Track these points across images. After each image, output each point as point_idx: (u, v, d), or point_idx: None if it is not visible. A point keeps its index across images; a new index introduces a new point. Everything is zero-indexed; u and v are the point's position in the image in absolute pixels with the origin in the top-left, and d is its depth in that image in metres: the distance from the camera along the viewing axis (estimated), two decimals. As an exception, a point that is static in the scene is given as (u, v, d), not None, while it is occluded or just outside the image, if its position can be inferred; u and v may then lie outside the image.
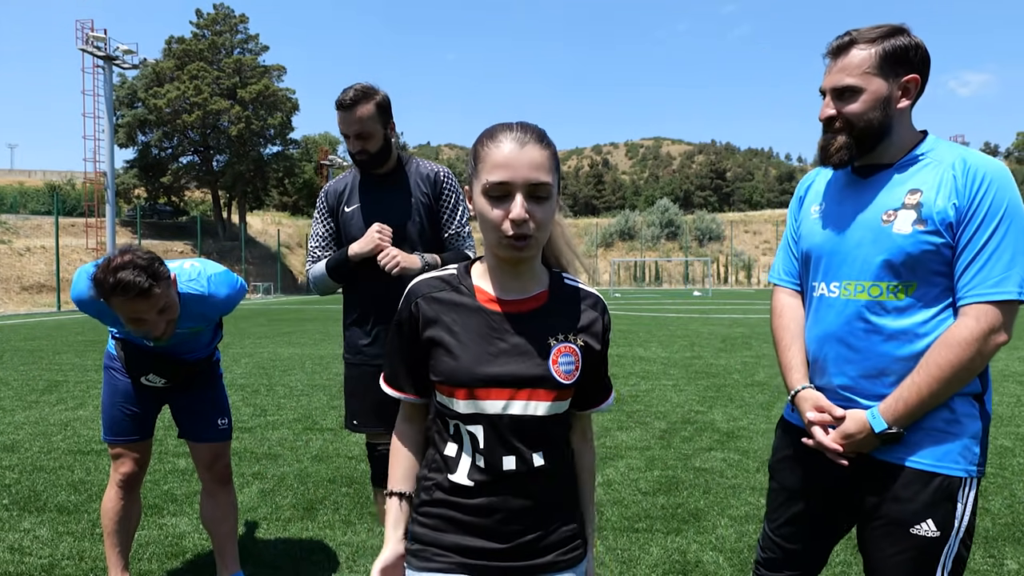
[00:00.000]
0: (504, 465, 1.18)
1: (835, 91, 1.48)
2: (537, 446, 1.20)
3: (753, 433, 5.12)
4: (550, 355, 1.19)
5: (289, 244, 45.43)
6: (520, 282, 1.22)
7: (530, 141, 1.13)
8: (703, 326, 14.71)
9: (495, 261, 1.21)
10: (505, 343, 1.18)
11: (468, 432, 1.19)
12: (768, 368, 8.34)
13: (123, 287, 1.91)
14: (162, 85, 40.06)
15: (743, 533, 3.22)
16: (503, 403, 1.17)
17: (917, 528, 1.42)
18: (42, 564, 2.89)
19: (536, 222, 1.12)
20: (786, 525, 1.67)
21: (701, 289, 40.65)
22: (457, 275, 1.25)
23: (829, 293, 1.56)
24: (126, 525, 2.55)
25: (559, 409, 1.21)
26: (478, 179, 1.15)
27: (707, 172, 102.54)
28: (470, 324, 1.19)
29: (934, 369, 1.38)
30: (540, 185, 1.12)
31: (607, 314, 1.29)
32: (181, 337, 2.38)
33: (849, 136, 1.48)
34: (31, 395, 6.81)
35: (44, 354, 10.10)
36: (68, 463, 4.41)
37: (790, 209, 1.79)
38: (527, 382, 1.17)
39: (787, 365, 1.64)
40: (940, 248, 1.41)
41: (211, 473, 2.58)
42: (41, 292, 26.68)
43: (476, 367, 1.16)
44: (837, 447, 1.48)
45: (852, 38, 1.47)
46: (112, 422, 2.51)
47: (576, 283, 1.29)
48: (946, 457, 1.42)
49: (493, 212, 1.12)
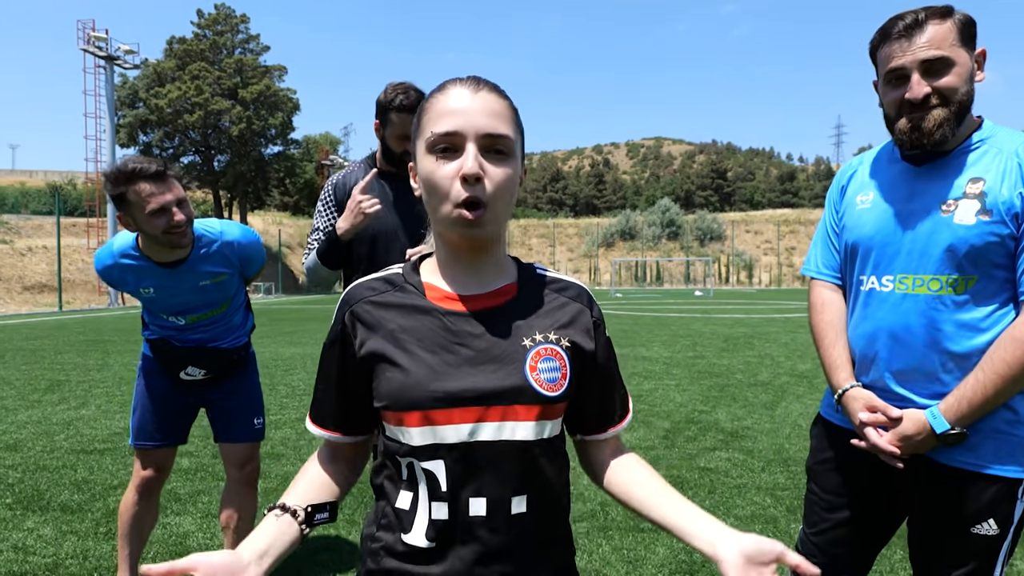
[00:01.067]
0: (471, 510, 0.91)
1: (924, 65, 1.35)
2: (520, 486, 0.92)
3: (757, 433, 5.11)
4: (526, 360, 0.93)
5: (290, 244, 45.43)
6: (481, 274, 0.98)
7: (484, 88, 0.92)
8: (705, 326, 14.69)
9: (447, 250, 0.97)
10: (468, 349, 0.93)
11: (424, 471, 0.92)
12: (770, 368, 8.33)
13: (140, 169, 2.03)
14: (163, 85, 40.08)
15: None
16: (469, 427, 0.90)
17: (978, 528, 1.38)
18: (46, 563, 2.88)
19: (494, 183, 0.89)
20: (830, 530, 1.60)
21: (702, 289, 40.63)
22: (402, 273, 1.01)
23: (881, 287, 1.48)
24: (139, 529, 2.55)
25: (547, 432, 0.94)
26: (421, 136, 0.92)
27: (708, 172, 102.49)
28: (420, 329, 0.94)
29: (1000, 366, 1.31)
30: (499, 137, 0.89)
31: (596, 306, 1.04)
32: (208, 294, 2.35)
33: (949, 111, 1.36)
34: (33, 394, 6.81)
35: (46, 354, 10.10)
36: (71, 462, 4.41)
37: (829, 199, 1.69)
38: (499, 396, 0.91)
39: (832, 363, 1.56)
40: (1005, 239, 1.34)
41: (241, 473, 2.57)
42: (43, 292, 26.68)
43: (431, 382, 0.91)
44: (894, 449, 1.41)
45: (923, 16, 1.36)
46: (142, 426, 2.48)
47: (551, 272, 1.05)
48: (1009, 460, 1.37)
49: (439, 171, 0.89)
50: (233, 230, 2.38)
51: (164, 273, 2.27)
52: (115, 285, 2.36)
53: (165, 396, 2.48)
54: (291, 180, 48.54)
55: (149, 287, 2.29)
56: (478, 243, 0.95)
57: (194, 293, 2.33)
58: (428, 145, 0.91)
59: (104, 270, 2.30)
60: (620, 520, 3.38)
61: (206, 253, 2.30)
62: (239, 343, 2.56)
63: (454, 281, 0.98)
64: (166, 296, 2.32)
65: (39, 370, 8.44)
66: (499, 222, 0.93)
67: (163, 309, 2.37)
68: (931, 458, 1.43)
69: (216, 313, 2.45)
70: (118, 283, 2.33)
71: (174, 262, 2.26)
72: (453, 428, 0.91)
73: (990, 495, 1.38)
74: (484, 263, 0.98)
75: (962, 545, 1.41)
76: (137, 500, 2.51)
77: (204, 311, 2.40)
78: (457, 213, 0.89)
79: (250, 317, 2.64)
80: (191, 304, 2.37)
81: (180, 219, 2.10)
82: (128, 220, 2.13)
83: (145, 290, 2.31)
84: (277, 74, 44.16)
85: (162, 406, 2.48)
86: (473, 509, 0.92)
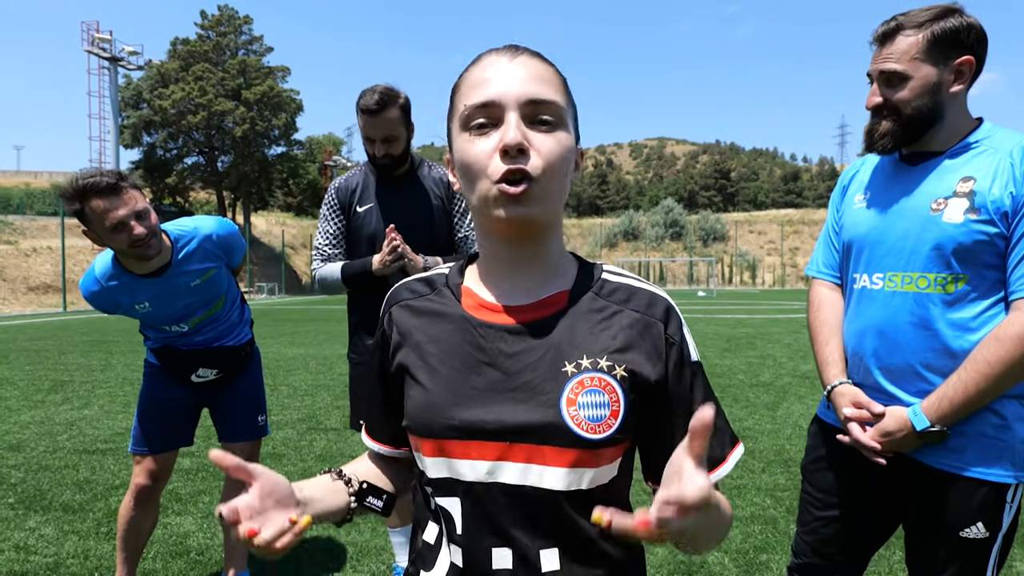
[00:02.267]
0: (494, 562, 0.77)
1: (882, 77, 1.42)
2: (549, 538, 0.78)
3: (758, 434, 5.10)
4: (565, 392, 0.77)
5: (293, 244, 45.53)
6: (529, 276, 0.82)
7: (525, 53, 0.79)
8: (707, 326, 14.66)
9: (490, 245, 0.83)
10: (497, 371, 0.79)
11: (440, 508, 0.81)
12: (772, 369, 8.31)
13: (91, 184, 1.94)
14: (167, 86, 40.22)
15: (749, 534, 3.20)
16: (488, 465, 0.77)
17: (967, 532, 1.39)
18: (47, 563, 2.90)
19: (543, 156, 0.74)
20: (823, 529, 1.60)
21: (705, 289, 40.58)
22: (447, 274, 0.89)
23: (872, 285, 1.49)
24: (138, 533, 2.54)
25: (586, 482, 0.77)
26: (454, 116, 0.80)
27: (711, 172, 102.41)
28: (448, 342, 0.82)
29: (983, 366, 1.31)
30: (544, 104, 0.76)
31: (675, 320, 0.83)
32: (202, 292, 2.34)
33: (897, 123, 1.42)
34: (37, 395, 6.84)
35: (50, 354, 10.13)
36: (73, 462, 4.42)
37: (832, 200, 1.71)
38: (524, 434, 0.76)
39: (824, 360, 1.57)
40: (994, 239, 1.33)
41: None
42: (47, 292, 26.79)
43: (449, 408, 0.79)
44: (875, 445, 1.42)
45: (899, 23, 1.41)
46: (144, 432, 2.45)
47: (623, 277, 0.87)
48: (996, 464, 1.37)
49: (474, 148, 0.76)
50: (208, 223, 2.34)
51: (154, 283, 2.22)
52: (109, 310, 2.28)
53: (172, 400, 2.47)
54: (294, 181, 48.65)
55: (144, 301, 2.25)
56: (525, 229, 0.78)
57: (189, 295, 2.32)
58: (462, 122, 0.78)
59: (92, 297, 2.23)
60: (620, 521, 3.37)
61: (188, 253, 2.26)
62: (244, 339, 2.56)
63: (496, 286, 0.83)
64: (163, 306, 2.30)
65: (43, 370, 8.47)
66: (552, 202, 0.77)
67: (164, 320, 2.35)
68: (920, 460, 1.43)
69: (215, 311, 2.45)
70: (111, 307, 2.27)
71: (158, 270, 2.21)
72: (469, 464, 0.78)
73: (978, 499, 1.38)
74: (532, 262, 0.82)
75: (952, 548, 1.41)
76: (135, 505, 2.50)
77: (203, 312, 2.40)
78: (497, 189, 0.74)
79: (247, 309, 2.65)
80: (190, 307, 2.36)
81: (140, 232, 2.00)
82: (93, 236, 2.06)
83: (141, 306, 2.26)
84: (280, 75, 44.27)
85: (169, 410, 2.47)
86: (496, 561, 0.78)
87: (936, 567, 1.44)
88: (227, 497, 2.59)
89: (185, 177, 43.17)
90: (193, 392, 2.50)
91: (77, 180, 1.97)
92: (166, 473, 2.54)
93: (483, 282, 0.85)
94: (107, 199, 1.97)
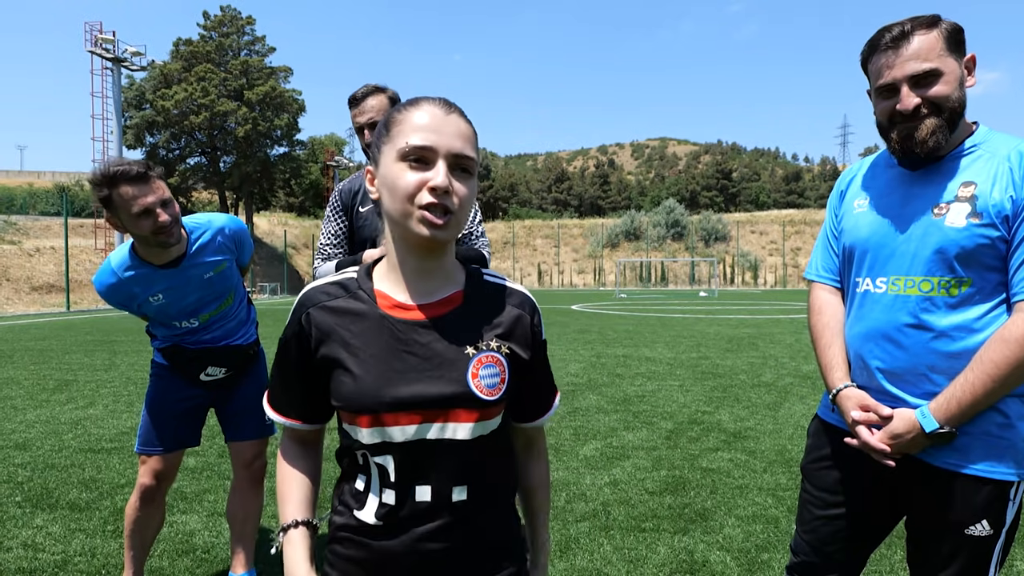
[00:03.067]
0: (417, 496, 1.01)
1: (913, 79, 1.39)
2: (459, 478, 1.02)
3: (760, 433, 5.12)
4: (469, 368, 1.01)
5: (296, 245, 45.58)
6: (431, 281, 1.05)
7: (456, 112, 1.01)
8: (709, 327, 14.68)
9: (402, 255, 1.04)
10: (415, 357, 1.01)
11: (376, 464, 1.02)
12: (774, 369, 8.33)
13: (122, 172, 2.06)
14: (170, 87, 40.30)
15: (750, 533, 3.22)
16: (414, 428, 0.99)
17: (972, 529, 1.40)
18: (55, 560, 2.93)
19: (458, 198, 0.97)
20: (822, 528, 1.62)
21: (707, 290, 40.56)
22: (356, 278, 1.07)
23: (875, 289, 1.50)
24: (144, 532, 2.56)
25: (486, 430, 1.03)
26: (392, 144, 0.99)
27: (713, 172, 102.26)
28: (371, 337, 1.01)
29: (989, 367, 1.33)
30: (466, 158, 0.98)
31: (537, 313, 1.12)
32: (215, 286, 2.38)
33: (941, 118, 1.39)
34: (42, 394, 6.88)
35: (54, 354, 10.18)
36: (79, 461, 4.46)
37: (830, 204, 1.72)
38: (442, 402, 0.99)
39: (828, 364, 1.58)
40: (995, 242, 1.35)
41: (249, 471, 2.59)
42: (51, 292, 26.87)
43: (380, 389, 0.99)
44: (884, 447, 1.43)
45: (906, 28, 1.40)
46: (152, 432, 2.47)
47: (499, 279, 1.12)
48: (1000, 463, 1.39)
49: (407, 178, 0.96)
50: (220, 218, 2.43)
51: (169, 274, 2.29)
52: (122, 304, 2.33)
53: (182, 400, 2.49)
54: (296, 181, 48.75)
55: (158, 293, 2.30)
56: (436, 246, 1.02)
57: (202, 288, 2.36)
58: (400, 154, 0.97)
59: (108, 290, 2.28)
60: (621, 520, 3.40)
61: (202, 245, 2.34)
62: (251, 338, 2.59)
63: (404, 289, 1.04)
64: (177, 298, 2.34)
65: (47, 370, 8.51)
66: (457, 230, 1.00)
67: (175, 315, 2.38)
68: (924, 460, 1.45)
69: (225, 306, 2.47)
70: (125, 300, 2.31)
71: (174, 260, 2.28)
72: (400, 429, 1.00)
73: (982, 496, 1.40)
74: (434, 270, 1.05)
75: (956, 546, 1.43)
76: (141, 505, 2.52)
77: (214, 306, 2.43)
78: (421, 216, 0.96)
79: (252, 310, 2.68)
80: (203, 300, 2.39)
81: (165, 220, 2.12)
82: (116, 222, 2.16)
83: (155, 297, 2.30)
84: (283, 75, 44.33)
85: (179, 411, 2.49)
86: (419, 495, 1.02)
87: (940, 565, 1.45)
88: (233, 497, 2.63)
89: (188, 177, 43.25)
90: (202, 392, 2.52)
91: (108, 167, 2.08)
92: (172, 473, 2.56)
93: (393, 285, 1.05)
94: (136, 186, 2.07)
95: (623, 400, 6.45)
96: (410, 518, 1.02)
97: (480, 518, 1.05)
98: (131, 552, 2.55)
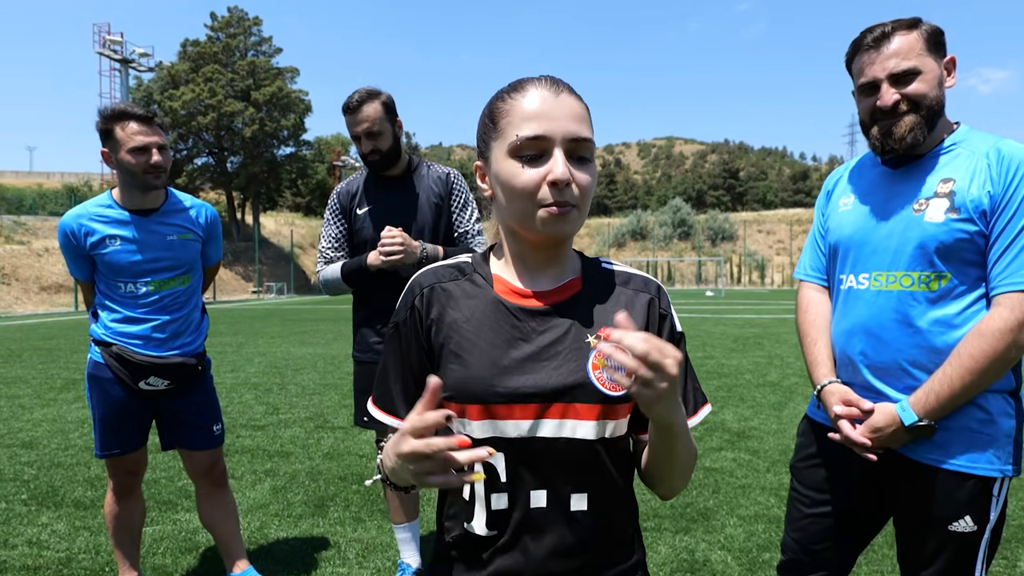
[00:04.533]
0: (532, 502, 0.93)
1: (893, 77, 1.43)
2: (580, 483, 0.93)
3: (764, 433, 5.10)
4: (589, 358, 0.93)
5: (302, 244, 45.74)
6: (549, 269, 0.98)
7: (565, 90, 0.92)
8: (715, 326, 14.63)
9: (519, 245, 0.97)
10: (531, 345, 0.94)
11: (485, 464, 0.93)
12: (780, 369, 8.29)
13: (130, 110, 2.27)
14: (177, 87, 40.51)
15: (752, 533, 3.21)
16: (529, 423, 0.92)
17: (955, 525, 1.41)
18: (59, 558, 2.95)
19: (580, 188, 0.89)
20: (812, 526, 1.63)
21: (714, 289, 40.42)
22: (472, 263, 1.02)
23: (858, 285, 1.53)
24: (128, 527, 2.53)
25: (609, 431, 0.93)
26: (502, 139, 0.92)
27: (720, 171, 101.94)
28: (486, 322, 0.95)
29: (967, 360, 1.35)
30: (583, 142, 0.90)
31: (664, 297, 1.01)
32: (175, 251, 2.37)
33: (919, 116, 1.43)
34: (49, 393, 6.93)
35: (62, 353, 10.26)
36: (85, 459, 4.49)
37: (817, 205, 1.76)
38: (559, 394, 0.92)
39: (813, 361, 1.61)
40: (974, 237, 1.38)
41: (210, 479, 2.56)
42: (59, 292, 27.07)
43: (493, 377, 0.92)
44: (865, 441, 1.45)
45: (887, 29, 1.45)
46: (107, 437, 2.40)
47: (616, 266, 1.04)
48: (981, 458, 1.40)
49: (525, 175, 0.89)
50: (203, 202, 2.56)
51: (137, 221, 2.33)
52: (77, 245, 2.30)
53: (124, 404, 2.38)
54: (303, 181, 48.87)
55: (117, 237, 2.30)
56: (559, 241, 0.95)
57: (162, 248, 2.34)
58: (512, 149, 0.90)
59: (71, 220, 2.30)
60: (624, 519, 3.39)
61: (178, 208, 2.44)
62: (198, 348, 2.48)
63: (522, 275, 0.98)
64: (134, 250, 2.30)
65: (55, 369, 8.58)
66: (581, 221, 0.94)
67: (127, 271, 2.31)
68: (906, 455, 1.46)
69: (177, 283, 2.39)
70: (80, 239, 2.28)
71: (148, 210, 2.35)
72: (513, 423, 0.92)
73: (966, 492, 1.41)
74: (555, 258, 0.98)
75: (941, 542, 1.44)
76: (119, 500, 2.49)
77: (167, 275, 2.36)
78: (546, 214, 0.89)
79: (206, 319, 2.57)
80: (159, 262, 2.33)
81: (158, 160, 2.27)
82: (110, 156, 2.29)
83: (112, 240, 2.29)
84: (289, 76, 44.47)
85: (129, 408, 2.39)
86: (534, 501, 0.93)
87: (926, 561, 1.46)
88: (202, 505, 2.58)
89: (195, 178, 43.44)
90: (144, 399, 2.41)
91: (120, 104, 2.32)
92: (142, 466, 2.53)
93: (510, 273, 0.99)
94: (140, 124, 2.26)
95: (627, 400, 6.44)
96: (526, 526, 0.93)
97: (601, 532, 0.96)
98: (121, 551, 2.54)
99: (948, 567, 1.44)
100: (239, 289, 36.94)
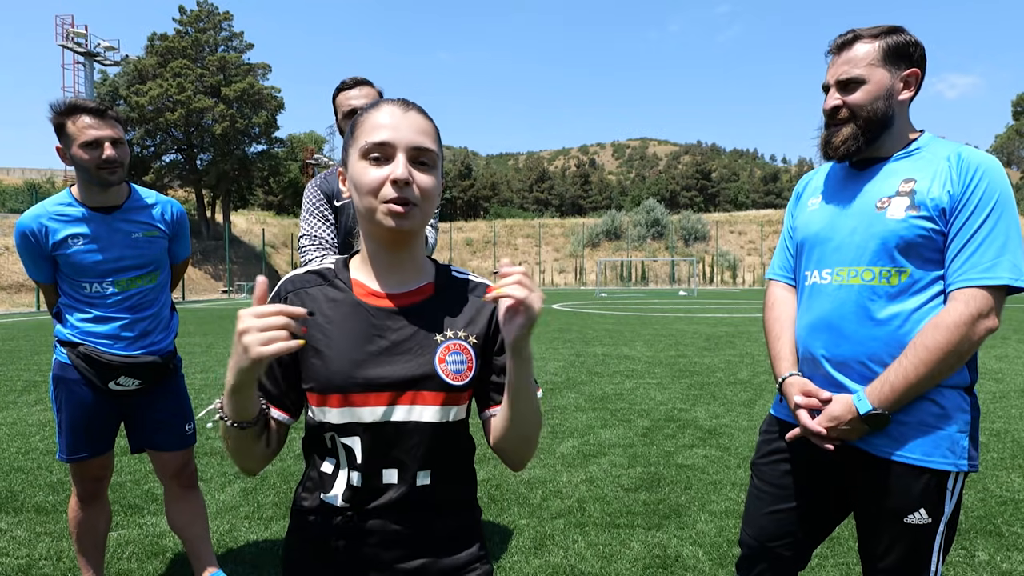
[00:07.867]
0: (384, 478, 1.05)
1: (840, 83, 1.51)
2: (425, 462, 1.06)
3: (735, 430, 5.18)
4: (436, 353, 1.06)
5: (274, 243, 45.08)
6: (402, 273, 1.10)
7: (414, 109, 1.07)
8: (688, 325, 14.81)
9: (373, 246, 1.09)
10: (386, 341, 1.06)
11: (344, 445, 1.06)
12: (750, 367, 8.43)
13: (81, 103, 2.18)
14: (144, 82, 39.59)
15: (723, 528, 3.26)
16: (383, 409, 1.04)
17: (910, 517, 1.45)
18: (19, 564, 2.86)
19: (420, 190, 1.02)
20: (770, 524, 1.66)
21: (687, 289, 40.91)
22: (334, 268, 1.13)
23: (821, 280, 1.57)
24: (93, 534, 2.47)
25: (452, 415, 1.07)
26: (356, 145, 1.05)
27: (693, 172, 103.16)
28: (346, 322, 1.07)
29: (922, 352, 1.39)
30: (425, 151, 1.03)
31: None
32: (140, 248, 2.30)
33: (856, 127, 1.50)
34: (9, 395, 6.72)
35: (22, 354, 9.96)
36: (46, 463, 4.36)
37: (788, 208, 1.82)
38: (409, 384, 1.04)
39: (776, 355, 1.65)
40: (932, 234, 1.43)
41: (179, 480, 2.49)
42: (20, 292, 26.26)
43: (351, 370, 1.03)
44: (822, 430, 1.49)
45: (856, 34, 1.52)
46: (74, 440, 2.33)
47: (466, 275, 1.17)
48: (935, 452, 1.43)
49: (371, 174, 1.01)
50: (168, 199, 2.49)
51: (98, 219, 2.24)
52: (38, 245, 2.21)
53: (92, 406, 2.32)
54: (275, 179, 48.22)
55: (79, 237, 2.21)
56: (402, 237, 1.06)
57: (126, 246, 2.27)
58: (362, 152, 1.03)
59: (30, 221, 2.20)
60: (596, 516, 3.41)
61: (141, 206, 2.37)
62: (169, 346, 2.43)
63: (378, 279, 1.10)
64: (97, 249, 2.23)
65: (15, 371, 8.32)
66: (423, 221, 1.05)
67: (91, 271, 2.24)
68: (865, 449, 1.50)
69: (145, 280, 2.32)
70: (42, 239, 2.20)
71: (110, 207, 2.28)
72: (369, 410, 1.04)
73: (920, 486, 1.45)
74: (405, 261, 1.10)
75: (897, 534, 1.48)
76: (83, 507, 2.42)
77: (134, 274, 2.29)
78: (386, 209, 1.01)
79: (175, 317, 2.52)
80: (123, 261, 2.26)
81: (111, 154, 2.17)
82: (65, 153, 2.21)
83: (74, 239, 2.21)
84: (261, 72, 43.79)
85: (96, 411, 2.33)
86: (386, 478, 1.06)
87: (883, 553, 1.50)
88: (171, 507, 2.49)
89: (163, 175, 42.51)
90: (113, 400, 2.35)
91: (70, 99, 2.22)
92: (109, 470, 2.47)
93: (368, 276, 1.11)
94: (92, 118, 2.16)
95: (601, 398, 6.49)
96: (376, 500, 1.06)
97: (442, 502, 1.09)
98: (84, 557, 2.48)
99: (904, 558, 1.48)
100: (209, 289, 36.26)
